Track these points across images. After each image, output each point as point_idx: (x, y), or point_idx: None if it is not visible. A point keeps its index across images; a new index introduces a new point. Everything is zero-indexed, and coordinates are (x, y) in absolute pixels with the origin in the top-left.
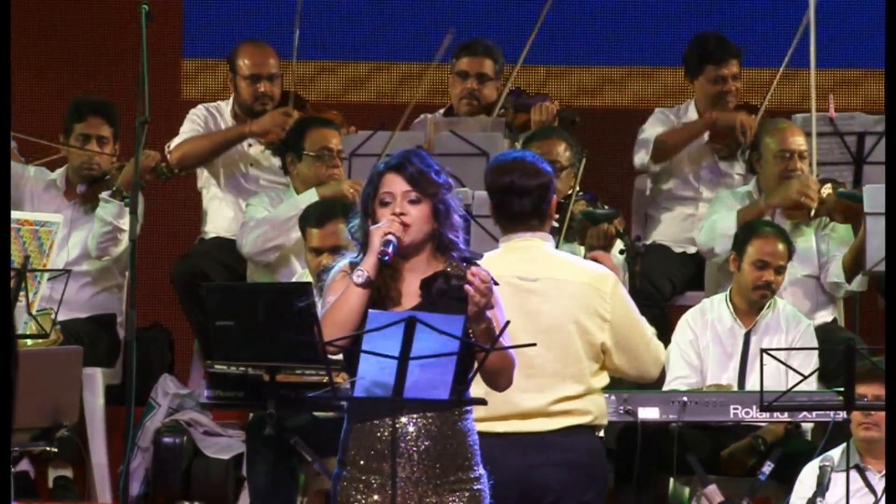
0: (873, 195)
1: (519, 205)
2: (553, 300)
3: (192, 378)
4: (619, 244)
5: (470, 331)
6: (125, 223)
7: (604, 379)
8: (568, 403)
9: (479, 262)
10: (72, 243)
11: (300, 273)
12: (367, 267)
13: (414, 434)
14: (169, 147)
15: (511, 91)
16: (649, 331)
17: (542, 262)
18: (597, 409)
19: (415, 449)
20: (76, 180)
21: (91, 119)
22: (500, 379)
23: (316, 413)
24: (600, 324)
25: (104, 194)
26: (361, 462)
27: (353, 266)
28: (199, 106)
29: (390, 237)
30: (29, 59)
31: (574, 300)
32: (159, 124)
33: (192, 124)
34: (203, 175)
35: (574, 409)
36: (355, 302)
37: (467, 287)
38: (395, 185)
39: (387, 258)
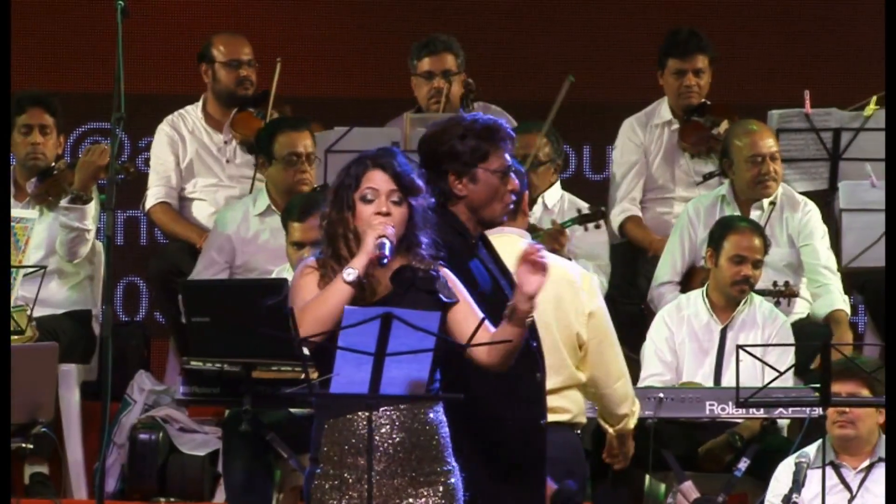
0: (849, 192)
1: None
2: None
3: (167, 374)
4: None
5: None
6: (90, 223)
7: (584, 374)
8: (551, 395)
9: (441, 261)
10: (34, 243)
11: (280, 268)
12: (359, 266)
13: (388, 428)
14: (144, 207)
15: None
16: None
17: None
18: (576, 407)
19: (389, 442)
20: (24, 177)
21: (31, 110)
22: (507, 359)
23: (292, 409)
24: (577, 317)
25: (63, 202)
26: (336, 458)
27: (321, 263)
28: (163, 124)
29: (384, 240)
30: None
31: (549, 293)
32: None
33: (160, 161)
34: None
35: (553, 405)
36: (341, 299)
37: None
38: (381, 182)
39: (385, 261)
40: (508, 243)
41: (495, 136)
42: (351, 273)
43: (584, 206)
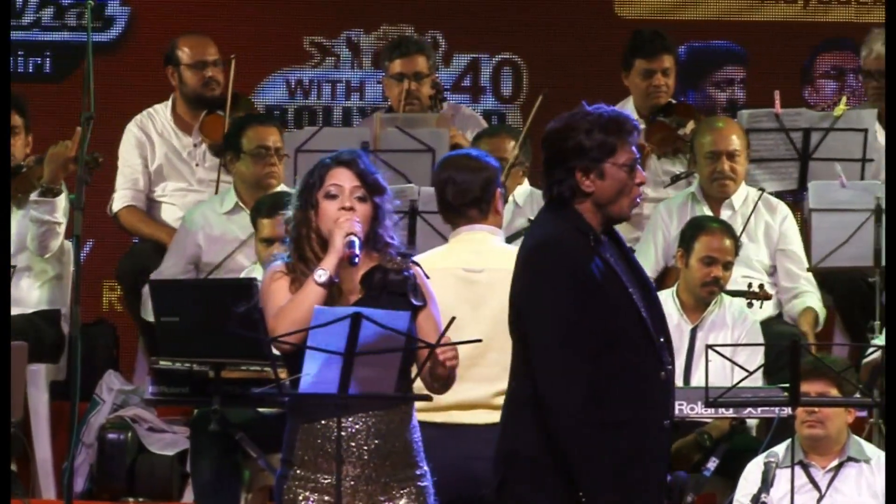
0: (818, 192)
1: (461, 199)
2: (498, 290)
3: (136, 374)
4: None
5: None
6: (60, 216)
7: None
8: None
9: (413, 258)
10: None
11: (250, 267)
12: (330, 266)
13: (363, 434)
14: (111, 209)
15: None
16: None
17: (489, 254)
18: None
19: (365, 448)
20: None
21: None
22: (442, 386)
23: (261, 409)
24: None
25: (34, 195)
26: (310, 462)
27: (290, 267)
28: (131, 125)
29: (353, 238)
30: None
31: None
32: None
33: (127, 163)
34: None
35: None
36: (314, 301)
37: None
38: (344, 178)
39: (357, 260)
40: (481, 241)
41: (622, 128)
42: (322, 274)
43: None
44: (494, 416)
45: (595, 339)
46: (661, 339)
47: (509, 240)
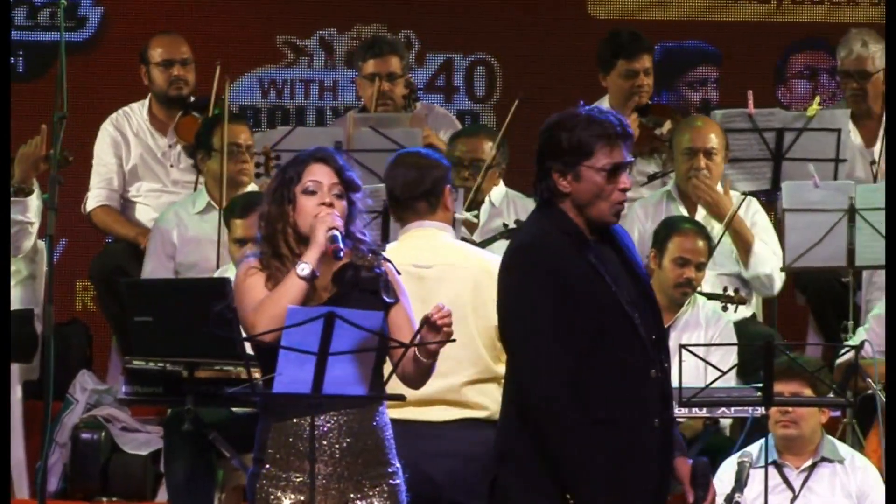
0: (792, 192)
1: (410, 191)
2: (447, 285)
3: (110, 374)
4: None
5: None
6: (32, 216)
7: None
8: (466, 390)
9: (383, 254)
10: None
11: (224, 267)
12: (312, 260)
13: (335, 432)
14: (84, 208)
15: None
16: None
17: (438, 250)
18: (494, 404)
19: (337, 446)
20: None
21: None
22: (421, 379)
23: (234, 408)
24: (495, 308)
25: None
26: (283, 460)
27: (262, 262)
28: (107, 123)
29: (335, 232)
30: None
31: (468, 285)
32: None
33: (102, 162)
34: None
35: (471, 401)
36: (296, 296)
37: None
38: (323, 175)
39: (342, 254)
40: (428, 237)
41: (605, 132)
42: (305, 267)
43: (510, 222)
44: (450, 413)
45: (576, 338)
46: (654, 337)
47: (486, 243)
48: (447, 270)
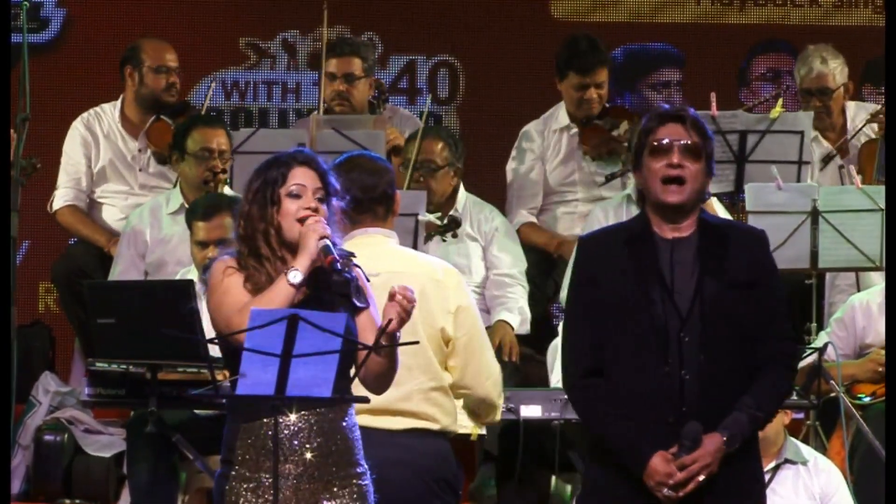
0: (755, 194)
1: (356, 201)
2: None
3: (73, 375)
4: None
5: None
6: None
7: (449, 376)
8: (419, 399)
9: (353, 260)
10: None
11: (185, 269)
12: (303, 267)
13: (305, 433)
14: (51, 207)
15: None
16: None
17: (384, 257)
18: (445, 417)
19: (307, 447)
20: None
21: None
22: (383, 383)
23: (197, 411)
24: (444, 315)
25: None
26: (252, 461)
27: (239, 262)
28: (77, 122)
29: (327, 242)
30: None
31: (416, 291)
32: None
33: (71, 161)
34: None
35: (421, 412)
36: (284, 300)
37: (392, 304)
38: (307, 178)
39: (339, 264)
40: (374, 244)
41: (644, 127)
42: (297, 275)
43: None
44: (400, 424)
45: (595, 330)
46: (687, 339)
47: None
48: (394, 278)
